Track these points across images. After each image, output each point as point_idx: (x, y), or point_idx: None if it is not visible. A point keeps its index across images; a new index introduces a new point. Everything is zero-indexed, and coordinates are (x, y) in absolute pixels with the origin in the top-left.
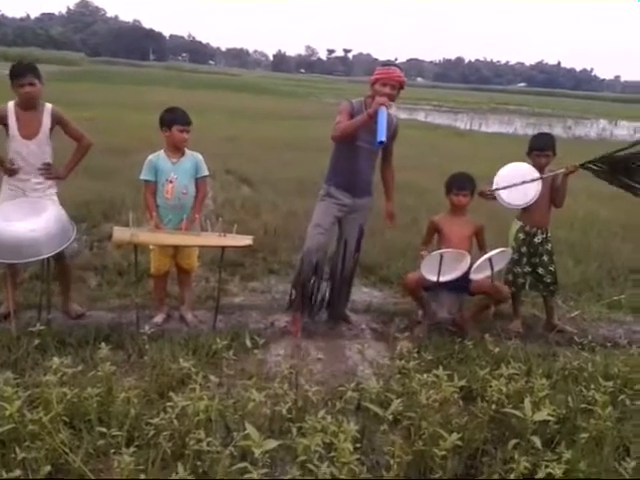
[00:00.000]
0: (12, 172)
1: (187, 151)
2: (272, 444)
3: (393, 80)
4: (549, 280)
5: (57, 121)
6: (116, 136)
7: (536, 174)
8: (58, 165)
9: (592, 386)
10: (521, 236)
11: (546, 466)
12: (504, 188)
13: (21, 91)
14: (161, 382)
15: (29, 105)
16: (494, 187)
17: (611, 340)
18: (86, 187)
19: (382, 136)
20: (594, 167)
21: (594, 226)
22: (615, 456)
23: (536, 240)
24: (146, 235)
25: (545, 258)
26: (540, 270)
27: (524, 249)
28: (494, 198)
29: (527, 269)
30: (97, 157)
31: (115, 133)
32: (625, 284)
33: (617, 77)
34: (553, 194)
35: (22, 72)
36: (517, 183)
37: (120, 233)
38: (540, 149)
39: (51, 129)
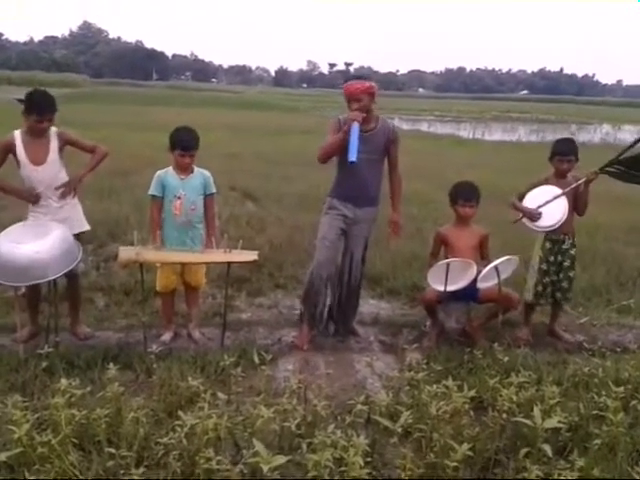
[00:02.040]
0: (36, 199)
1: (196, 168)
2: (281, 460)
3: (354, 94)
4: (566, 285)
5: (65, 142)
6: (121, 156)
7: (557, 191)
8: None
9: (603, 392)
10: (547, 245)
11: (559, 474)
12: (526, 215)
13: (37, 126)
14: (170, 401)
15: (38, 134)
16: (520, 215)
17: (621, 345)
18: (91, 208)
19: (352, 156)
20: (613, 170)
21: (599, 231)
22: (628, 461)
23: (564, 247)
24: (151, 254)
25: (567, 263)
26: (561, 275)
27: (552, 258)
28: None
29: (554, 278)
30: (102, 178)
31: (119, 153)
32: (634, 288)
33: (619, 81)
34: (576, 202)
35: (44, 110)
36: (541, 204)
37: (125, 253)
38: (563, 154)
39: (60, 151)
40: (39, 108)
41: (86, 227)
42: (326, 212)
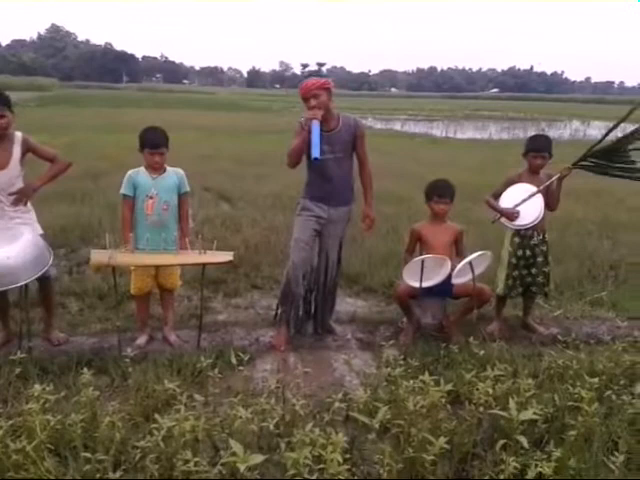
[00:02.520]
0: (17, 202)
1: (169, 167)
2: (258, 459)
3: (310, 91)
4: (541, 280)
5: (27, 149)
6: (91, 159)
7: (533, 189)
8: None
9: (578, 383)
10: (517, 240)
11: (536, 465)
12: (504, 215)
13: None
14: (146, 404)
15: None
16: (497, 215)
17: (595, 337)
18: (63, 212)
19: (316, 152)
20: (585, 163)
21: (571, 225)
22: (604, 451)
23: (532, 242)
24: (124, 257)
25: (540, 259)
26: (533, 270)
27: (520, 252)
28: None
29: (524, 272)
30: (73, 181)
31: (90, 156)
32: (606, 281)
33: (588, 78)
34: (548, 199)
35: None
36: (518, 203)
37: (98, 256)
38: (537, 150)
39: (22, 157)
40: None
41: (40, 231)
42: (299, 213)
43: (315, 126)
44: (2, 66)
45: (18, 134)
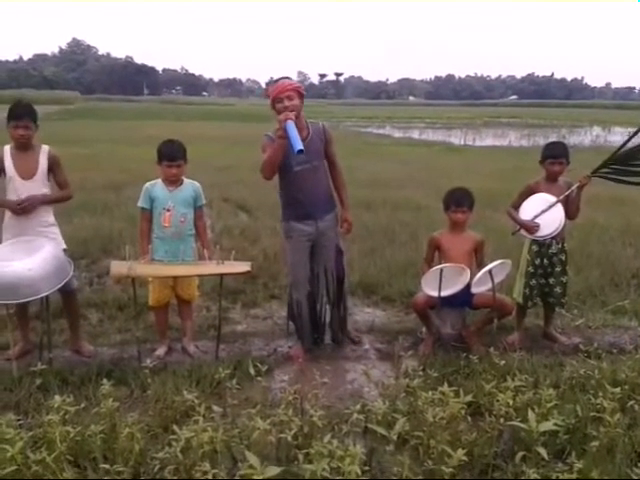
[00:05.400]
0: (23, 209)
1: (185, 180)
2: (274, 471)
3: (285, 91)
4: (559, 290)
5: (53, 162)
6: (112, 171)
7: (552, 199)
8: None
9: (600, 394)
10: (535, 248)
11: (557, 477)
12: (524, 227)
13: (14, 133)
14: (165, 415)
15: (23, 147)
16: (517, 227)
17: (617, 346)
18: (84, 223)
19: (298, 145)
20: (605, 170)
21: (593, 233)
22: (627, 463)
23: (550, 251)
24: (143, 268)
25: (558, 268)
26: (551, 280)
27: (538, 261)
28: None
29: (542, 281)
30: (94, 193)
31: (111, 168)
32: (628, 289)
33: (608, 84)
34: (568, 207)
35: (19, 115)
36: (537, 214)
37: (118, 267)
38: (554, 157)
39: (49, 170)
40: (15, 114)
41: (63, 246)
42: (287, 236)
43: (290, 124)
44: (25, 80)
45: (45, 147)
